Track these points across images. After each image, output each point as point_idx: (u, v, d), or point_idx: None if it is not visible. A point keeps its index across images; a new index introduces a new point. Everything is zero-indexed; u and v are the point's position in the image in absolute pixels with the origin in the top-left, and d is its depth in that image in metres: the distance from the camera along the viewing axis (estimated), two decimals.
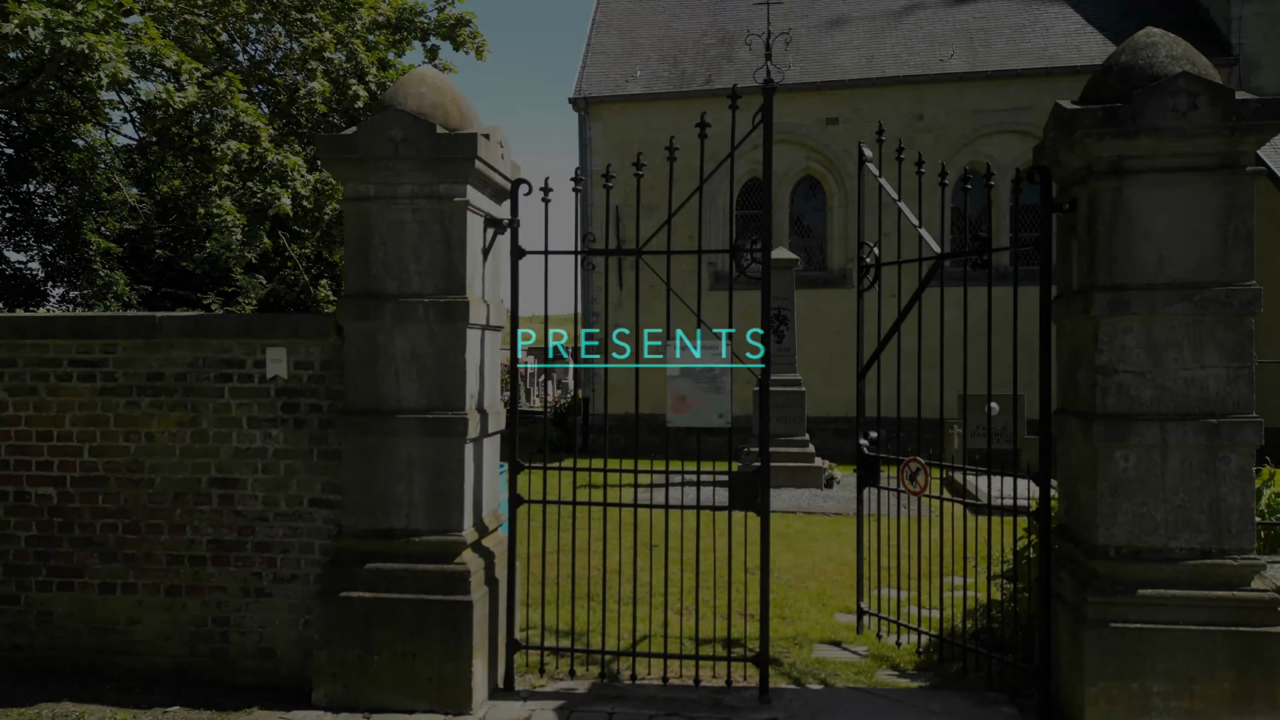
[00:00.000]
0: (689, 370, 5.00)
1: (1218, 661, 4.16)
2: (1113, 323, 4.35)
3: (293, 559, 5.05)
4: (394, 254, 4.84)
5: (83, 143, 21.80)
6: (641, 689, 5.05)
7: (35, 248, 25.73)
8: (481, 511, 5.11)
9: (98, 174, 22.50)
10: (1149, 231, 4.32)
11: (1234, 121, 4.17)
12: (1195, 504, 4.28)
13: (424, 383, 4.83)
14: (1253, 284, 4.24)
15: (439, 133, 4.72)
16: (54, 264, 25.69)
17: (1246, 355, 4.25)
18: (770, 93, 4.96)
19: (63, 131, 21.11)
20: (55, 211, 25.08)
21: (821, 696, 4.98)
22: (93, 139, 21.66)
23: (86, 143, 21.62)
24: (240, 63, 15.57)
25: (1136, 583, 4.29)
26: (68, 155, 22.06)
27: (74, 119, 19.97)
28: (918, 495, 5.50)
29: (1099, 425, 4.34)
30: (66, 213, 24.49)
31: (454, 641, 4.70)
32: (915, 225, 5.60)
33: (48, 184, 24.23)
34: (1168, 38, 4.47)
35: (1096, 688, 4.24)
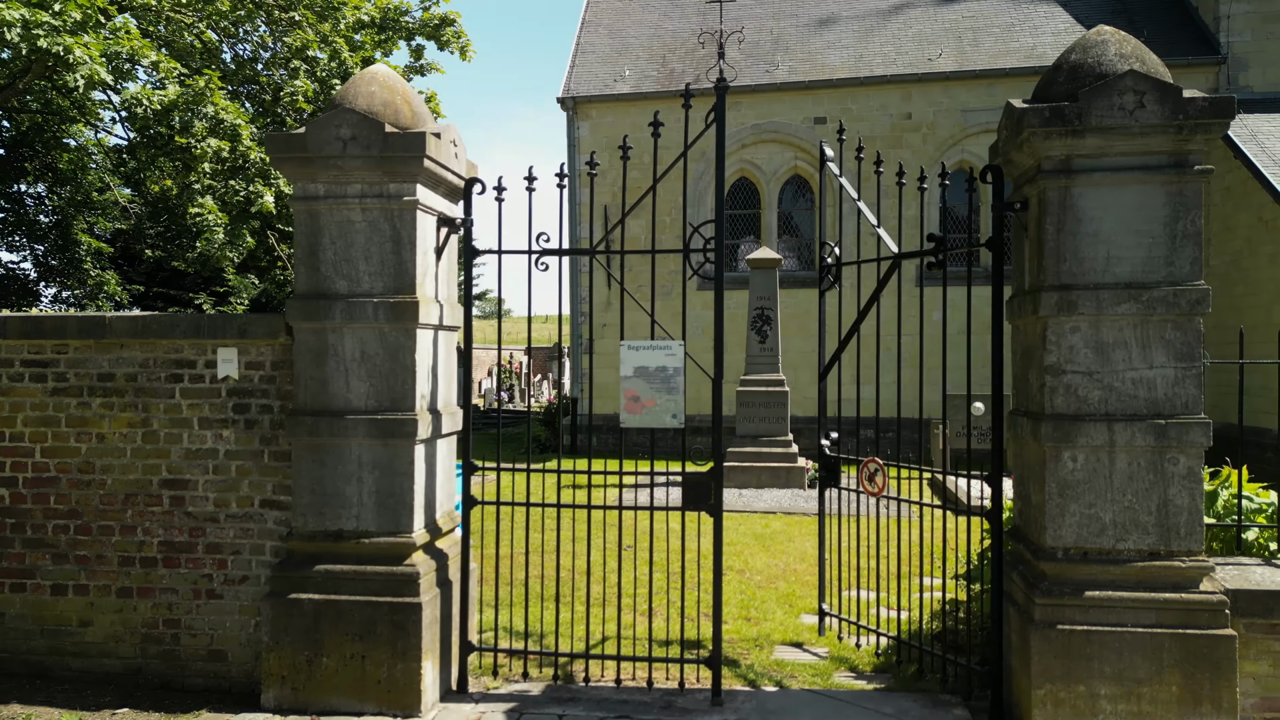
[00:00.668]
0: (642, 370, 4.97)
1: (1165, 664, 4.13)
2: (1060, 323, 4.32)
3: (244, 560, 5.03)
4: (343, 253, 4.82)
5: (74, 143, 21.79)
6: (595, 691, 5.02)
7: (27, 248, 25.73)
8: (435, 513, 5.08)
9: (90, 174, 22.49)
10: (1097, 231, 4.29)
11: (1181, 120, 4.14)
12: (1143, 505, 4.25)
13: (374, 383, 4.80)
14: (1200, 284, 4.21)
15: (388, 131, 4.69)
16: (46, 264, 25.69)
17: (1195, 355, 4.22)
18: (722, 92, 4.93)
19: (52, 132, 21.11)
20: (47, 212, 25.07)
21: (775, 699, 4.96)
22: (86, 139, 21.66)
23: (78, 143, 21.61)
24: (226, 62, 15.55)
25: (1084, 584, 4.26)
26: (58, 155, 22.05)
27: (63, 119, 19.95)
28: (876, 496, 5.47)
29: (1046, 426, 4.31)
30: (58, 213, 24.49)
31: (403, 644, 4.67)
32: (874, 225, 5.57)
33: (39, 184, 24.21)
34: (1118, 36, 4.45)
35: (1043, 690, 4.21)
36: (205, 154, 12.32)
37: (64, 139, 21.32)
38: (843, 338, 5.78)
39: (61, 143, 21.52)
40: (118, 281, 25.46)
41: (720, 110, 4.91)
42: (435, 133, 4.87)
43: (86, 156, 22.05)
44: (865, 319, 5.60)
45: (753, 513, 11.35)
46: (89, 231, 24.61)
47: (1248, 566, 4.45)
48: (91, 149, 22.23)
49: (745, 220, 19.32)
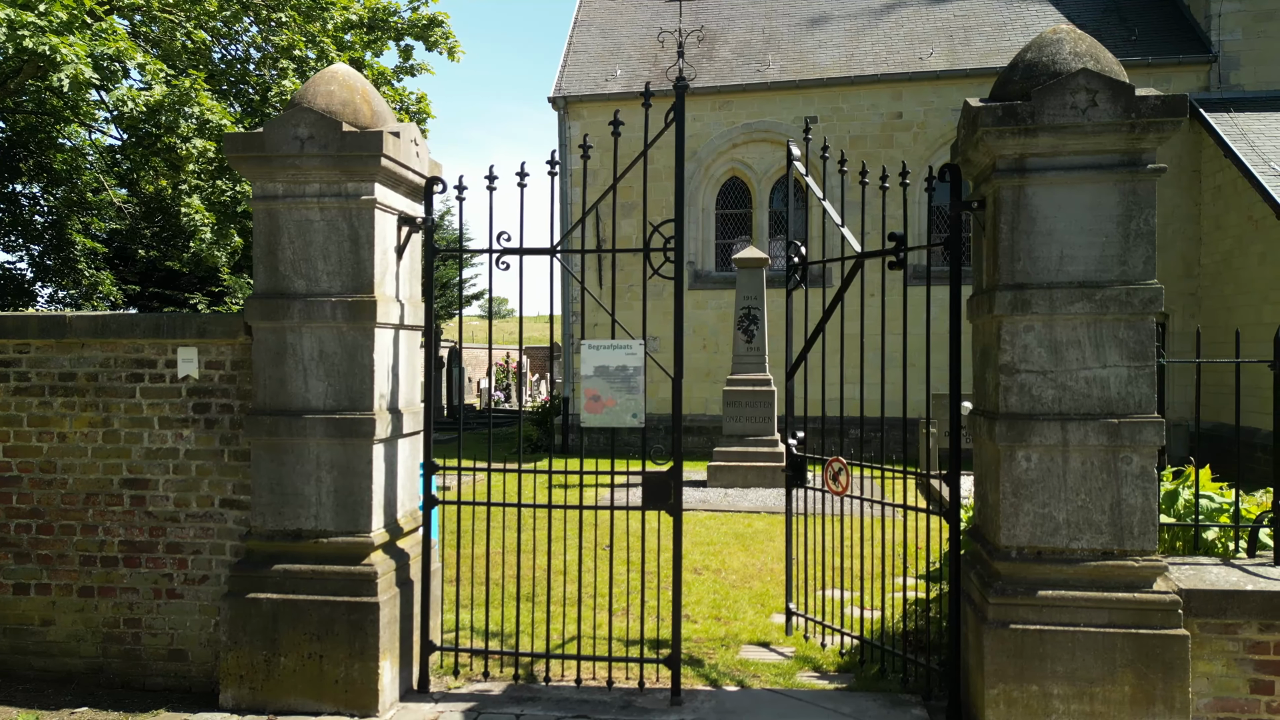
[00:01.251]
0: (602, 370, 4.96)
1: (1117, 664, 4.12)
2: (1014, 322, 4.31)
3: (204, 560, 5.03)
4: (302, 253, 4.82)
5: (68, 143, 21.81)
6: (556, 690, 5.02)
7: (23, 248, 25.78)
8: (396, 513, 5.08)
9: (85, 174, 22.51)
10: (1051, 230, 4.28)
11: (1134, 119, 4.13)
12: (1097, 505, 4.24)
13: (332, 382, 4.80)
14: (1154, 283, 4.19)
15: (345, 130, 4.69)
16: (42, 264, 25.74)
17: (1148, 355, 4.21)
18: (681, 91, 4.92)
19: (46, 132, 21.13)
20: (42, 212, 25.11)
21: (735, 698, 4.95)
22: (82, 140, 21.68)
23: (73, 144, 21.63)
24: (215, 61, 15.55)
25: (1038, 584, 4.25)
26: (52, 156, 22.07)
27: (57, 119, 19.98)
28: (840, 495, 5.46)
29: (1001, 425, 4.30)
30: (54, 213, 24.52)
31: (360, 643, 4.67)
32: (838, 225, 5.56)
33: (34, 185, 24.24)
34: (1074, 34, 4.43)
35: (996, 690, 4.20)
36: (191, 154, 12.33)
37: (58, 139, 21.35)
38: (809, 336, 5.77)
39: (56, 143, 21.56)
40: (113, 281, 25.51)
41: (679, 110, 4.90)
42: (394, 132, 4.87)
43: (81, 157, 22.08)
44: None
45: (737, 512, 11.35)
46: (84, 231, 24.65)
47: (1204, 566, 4.44)
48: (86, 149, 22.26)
49: (737, 219, 19.31)
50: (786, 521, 6.10)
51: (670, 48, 20.16)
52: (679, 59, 4.71)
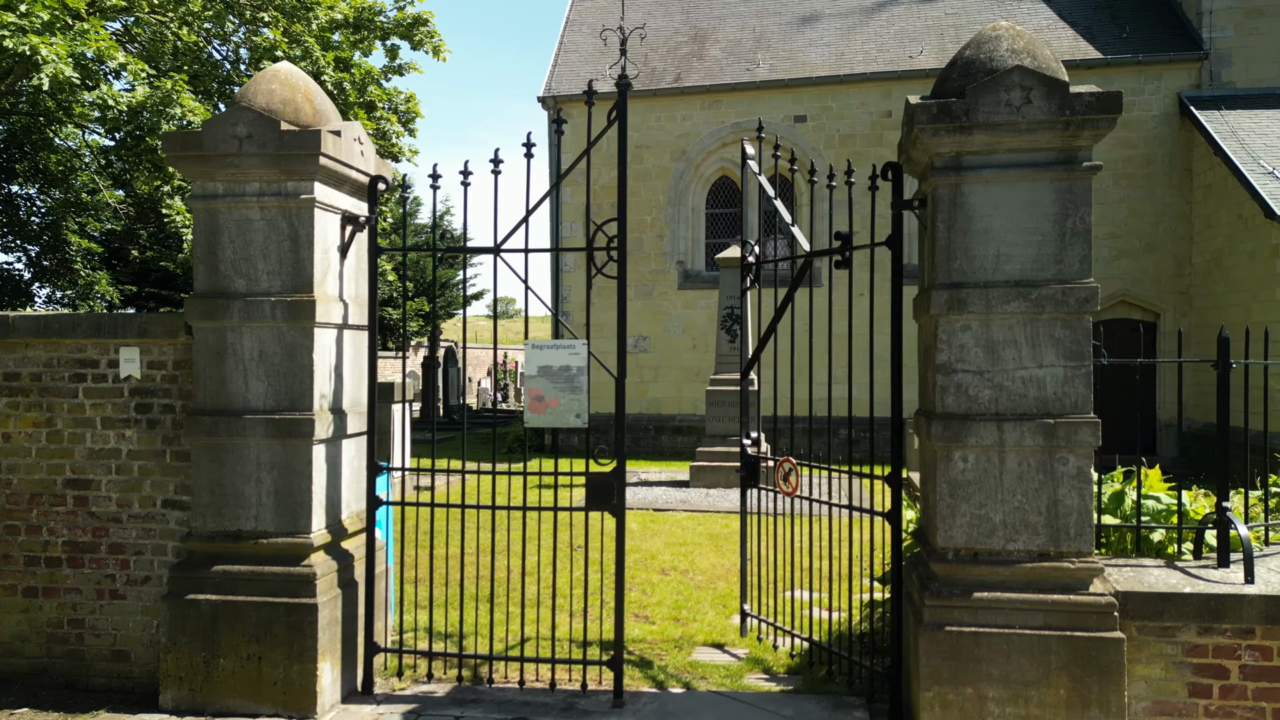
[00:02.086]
0: (546, 370, 4.93)
1: (1053, 666, 4.08)
2: (951, 321, 4.27)
3: (146, 561, 5.01)
4: (242, 252, 4.80)
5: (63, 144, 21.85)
6: (500, 692, 5.00)
7: (21, 249, 25.85)
8: (340, 514, 5.06)
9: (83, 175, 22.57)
10: (988, 229, 4.24)
11: (1068, 116, 4.09)
12: (1033, 506, 4.20)
13: (272, 382, 4.78)
14: (1090, 281, 4.15)
15: (284, 129, 4.67)
16: (39, 265, 25.81)
17: (1084, 354, 4.17)
18: (624, 90, 4.88)
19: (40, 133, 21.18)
20: (39, 213, 25.17)
21: (678, 700, 4.92)
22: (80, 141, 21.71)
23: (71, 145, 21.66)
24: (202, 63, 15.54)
25: (974, 585, 4.22)
26: (46, 157, 22.12)
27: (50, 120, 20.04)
28: (790, 495, 5.42)
29: (937, 425, 4.26)
30: (52, 214, 24.58)
31: (299, 644, 4.65)
32: (789, 224, 5.53)
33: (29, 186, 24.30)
34: (1012, 31, 4.39)
35: (931, 692, 4.16)
36: None
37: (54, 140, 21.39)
38: (762, 335, 5.73)
39: (51, 144, 21.60)
40: (109, 281, 25.56)
41: (621, 108, 4.87)
42: (335, 130, 4.85)
43: (76, 158, 22.12)
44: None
45: (716, 512, 11.32)
46: (80, 232, 24.70)
47: (1146, 568, 4.39)
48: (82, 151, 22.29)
49: (727, 219, 19.25)
50: (741, 522, 6.07)
51: (663, 47, 20.13)
52: (621, 57, 4.68)
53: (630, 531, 10.04)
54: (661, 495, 12.67)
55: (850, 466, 4.95)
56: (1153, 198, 17.10)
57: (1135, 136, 17.11)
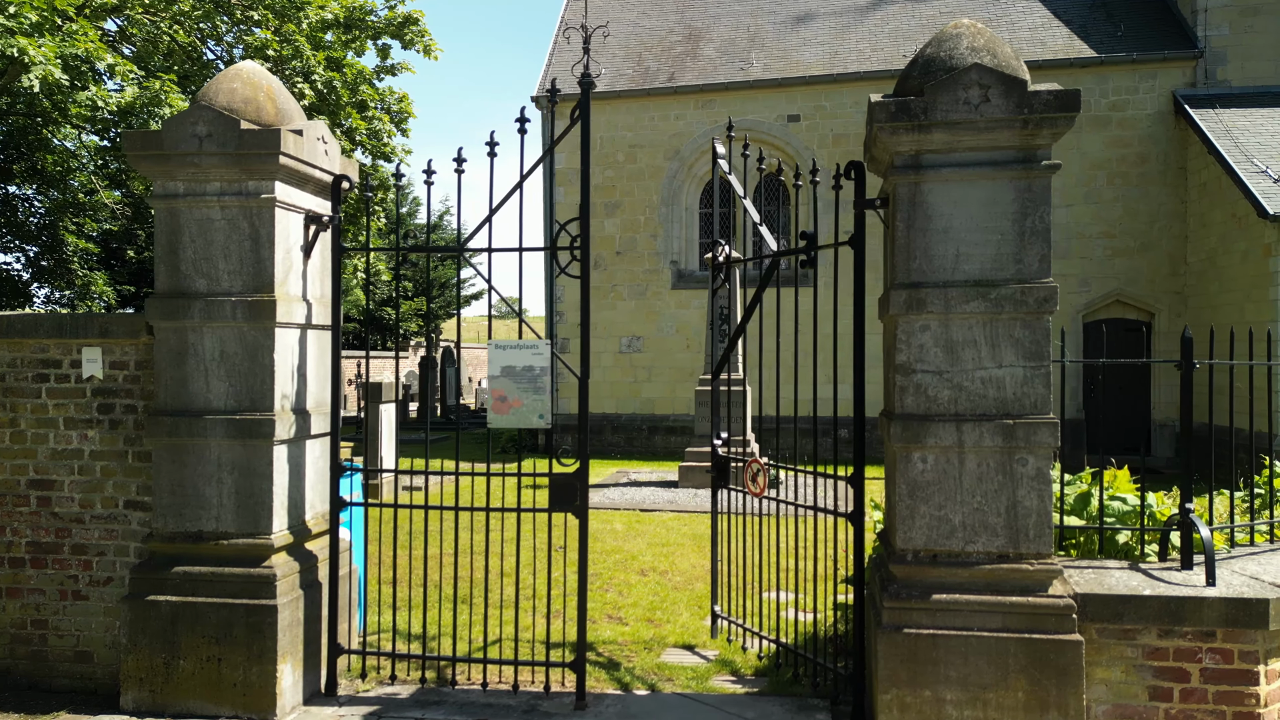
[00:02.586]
0: (509, 370, 4.91)
1: (1011, 669, 4.04)
2: (910, 321, 4.23)
3: (108, 561, 5.00)
4: (203, 252, 4.78)
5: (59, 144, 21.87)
6: (464, 694, 4.97)
7: (19, 249, 25.90)
8: (304, 514, 5.04)
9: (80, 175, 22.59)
10: (947, 228, 4.20)
11: (1027, 114, 4.05)
12: (993, 507, 4.16)
13: (233, 383, 4.76)
14: (1049, 281, 4.11)
15: (243, 128, 4.65)
16: (37, 265, 25.86)
17: (1043, 354, 4.13)
18: (587, 88, 4.85)
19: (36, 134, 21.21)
20: (37, 214, 25.21)
21: (641, 703, 4.89)
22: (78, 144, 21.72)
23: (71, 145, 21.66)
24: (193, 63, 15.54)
25: (933, 587, 4.18)
26: (42, 157, 22.15)
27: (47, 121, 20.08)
28: (758, 496, 5.39)
29: (896, 425, 4.23)
30: (51, 215, 24.62)
31: (259, 646, 4.63)
32: (756, 223, 5.50)
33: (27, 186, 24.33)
34: (973, 29, 4.35)
35: (889, 695, 4.13)
36: None
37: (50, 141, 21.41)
38: (731, 335, 5.70)
39: (48, 145, 21.63)
40: (106, 281, 25.60)
41: (584, 107, 4.84)
42: (296, 129, 4.83)
43: (72, 158, 22.14)
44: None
45: (702, 513, 11.27)
46: (77, 232, 24.73)
47: (1109, 570, 4.35)
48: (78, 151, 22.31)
49: (721, 219, 19.21)
50: (712, 523, 6.05)
51: (657, 46, 20.10)
52: (584, 55, 4.64)
53: (615, 532, 10.03)
54: (650, 495, 12.64)
55: (815, 467, 4.92)
56: (1147, 197, 17.03)
57: (1130, 135, 17.05)
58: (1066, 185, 17.18)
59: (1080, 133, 17.10)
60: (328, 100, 14.83)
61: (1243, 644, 4.03)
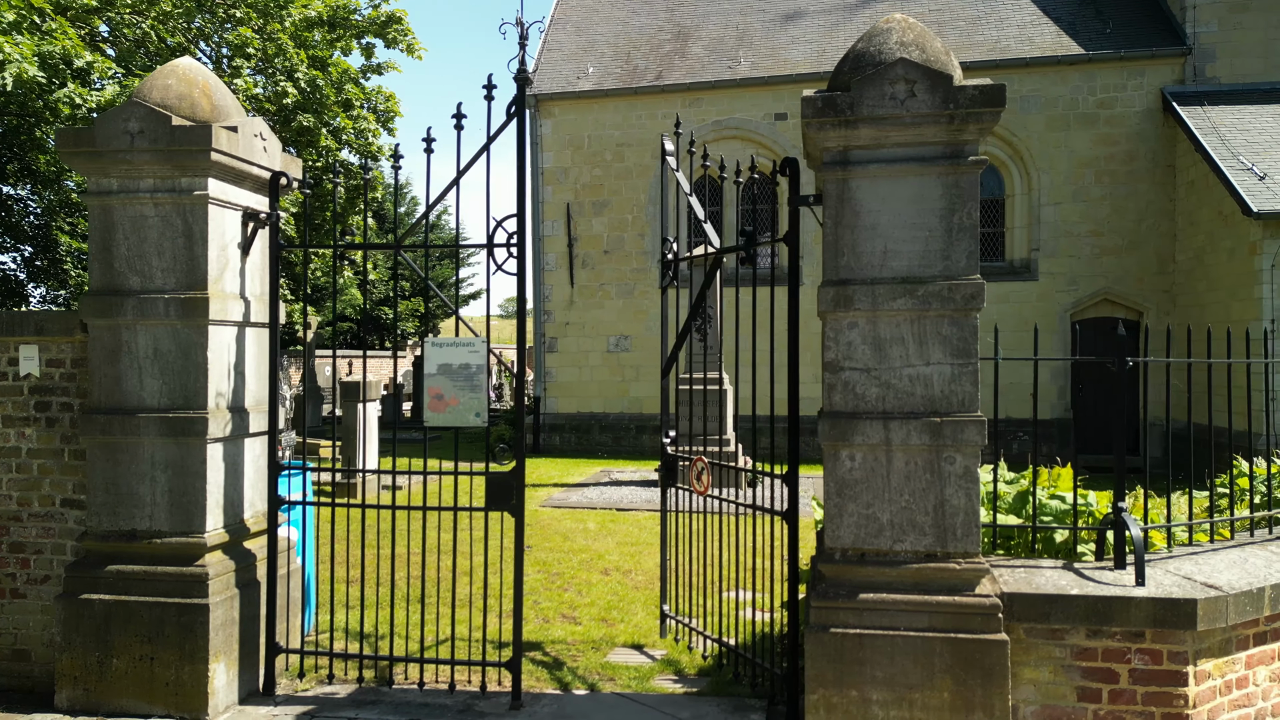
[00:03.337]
0: (446, 368, 4.88)
1: (937, 669, 4.00)
2: (838, 318, 4.20)
3: (46, 560, 4.98)
4: (136, 249, 4.76)
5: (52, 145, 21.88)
6: (401, 694, 4.95)
7: (15, 249, 25.94)
8: (242, 513, 5.02)
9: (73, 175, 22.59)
10: (875, 224, 4.17)
11: (953, 109, 4.01)
12: (920, 506, 4.12)
13: (166, 381, 4.74)
14: (976, 278, 4.07)
15: (175, 124, 4.63)
16: (33, 265, 25.90)
17: (971, 352, 4.09)
18: (523, 84, 4.81)
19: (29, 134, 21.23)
20: (32, 214, 25.25)
21: (577, 703, 4.86)
22: None
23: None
24: None
25: (860, 586, 4.14)
26: (35, 157, 22.17)
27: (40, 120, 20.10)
28: (702, 495, 5.36)
29: (825, 423, 4.20)
30: (46, 215, 24.65)
31: (190, 645, 4.62)
32: (702, 221, 5.46)
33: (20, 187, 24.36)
34: (904, 24, 4.32)
35: (816, 695, 4.10)
36: None
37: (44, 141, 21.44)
38: (680, 332, 5.67)
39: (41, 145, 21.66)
40: None
41: (520, 103, 4.80)
42: (231, 126, 4.81)
43: None
44: (695, 316, 5.49)
45: (678, 512, 11.22)
46: (70, 232, 24.77)
47: (1040, 569, 4.31)
48: None
49: (710, 218, 19.13)
50: (661, 522, 6.02)
51: (642, 45, 20.06)
52: (520, 50, 4.61)
53: (587, 531, 10.00)
54: (628, 494, 12.61)
55: (755, 465, 4.89)
56: (1136, 195, 16.94)
57: (1118, 133, 16.96)
58: (1054, 183, 17.11)
59: (1068, 131, 17.04)
60: (311, 99, 14.81)
61: (1172, 645, 4.00)
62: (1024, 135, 17.11)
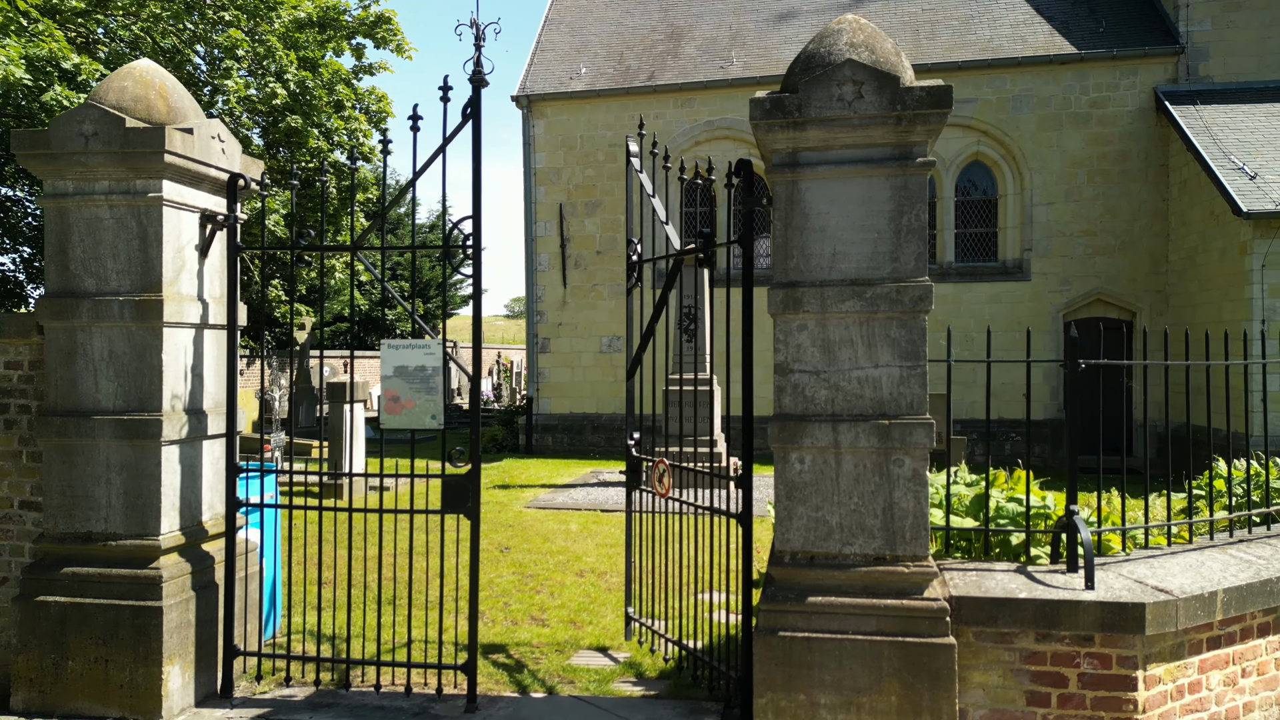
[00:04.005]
0: (402, 370, 4.87)
1: (884, 673, 3.99)
2: (788, 320, 4.18)
3: (4, 561, 4.98)
4: (92, 251, 4.76)
5: None
6: (359, 696, 4.94)
7: (14, 250, 26.03)
8: (200, 515, 5.02)
9: None
10: (824, 226, 4.15)
11: (900, 111, 3.99)
12: (869, 508, 4.10)
13: (122, 383, 4.74)
14: (924, 280, 4.05)
15: (129, 126, 4.63)
16: (31, 266, 25.98)
17: (919, 354, 4.07)
18: (478, 85, 4.80)
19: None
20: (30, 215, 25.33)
21: (533, 706, 4.85)
22: None
23: None
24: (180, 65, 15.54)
25: (809, 589, 4.13)
26: None
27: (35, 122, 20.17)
28: (663, 496, 5.35)
29: (774, 426, 4.18)
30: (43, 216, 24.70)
31: (144, 647, 4.61)
32: (662, 222, 5.45)
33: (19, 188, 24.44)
34: (855, 24, 4.30)
35: (765, 699, 4.08)
36: None
37: None
38: (643, 333, 5.66)
39: None
40: None
41: (475, 104, 4.79)
42: (186, 128, 4.80)
43: None
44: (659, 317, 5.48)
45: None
46: None
47: (992, 573, 4.29)
48: None
49: (702, 219, 19.14)
50: (626, 524, 6.01)
51: (635, 46, 20.05)
52: (477, 51, 4.59)
53: (569, 533, 10.00)
54: (615, 496, 12.60)
55: (712, 466, 4.87)
56: (1128, 195, 16.88)
57: (1111, 133, 16.90)
58: (1046, 183, 17.06)
59: (1061, 130, 16.98)
60: (301, 100, 14.83)
61: (1121, 649, 3.97)
62: (1016, 135, 17.05)
